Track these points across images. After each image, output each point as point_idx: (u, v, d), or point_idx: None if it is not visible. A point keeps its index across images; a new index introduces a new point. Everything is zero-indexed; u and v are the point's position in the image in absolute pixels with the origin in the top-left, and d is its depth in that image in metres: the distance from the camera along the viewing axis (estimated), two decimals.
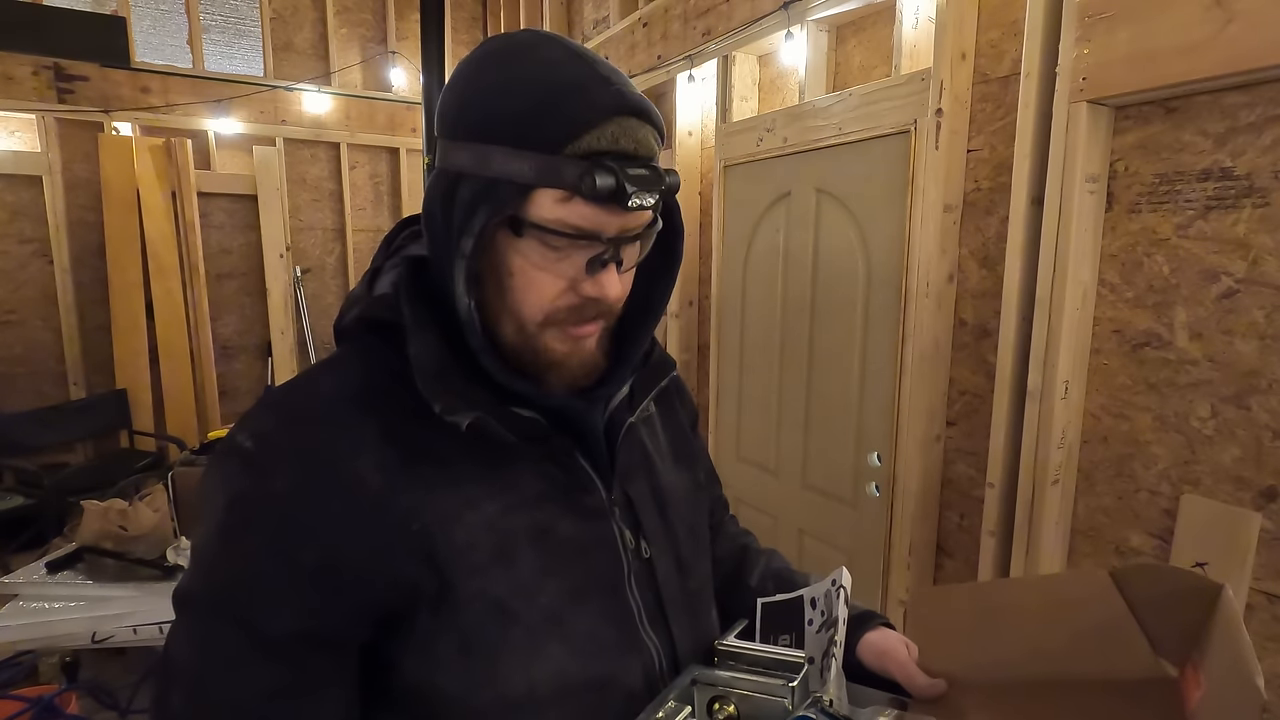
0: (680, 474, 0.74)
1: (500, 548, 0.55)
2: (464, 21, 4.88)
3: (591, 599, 0.59)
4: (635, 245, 0.57)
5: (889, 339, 1.94)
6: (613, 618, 0.60)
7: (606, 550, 0.61)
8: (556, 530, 0.58)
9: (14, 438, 3.44)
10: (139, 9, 3.92)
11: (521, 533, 0.56)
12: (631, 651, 0.61)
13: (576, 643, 0.57)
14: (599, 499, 0.61)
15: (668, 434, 0.75)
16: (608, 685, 0.58)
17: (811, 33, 2.22)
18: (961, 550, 1.79)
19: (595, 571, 0.60)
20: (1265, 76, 1.16)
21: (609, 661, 0.59)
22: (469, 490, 0.55)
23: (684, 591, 0.67)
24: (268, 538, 0.51)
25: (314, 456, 0.52)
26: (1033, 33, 1.48)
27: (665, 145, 0.58)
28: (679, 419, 0.79)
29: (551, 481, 0.59)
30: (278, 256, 4.25)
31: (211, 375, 4.06)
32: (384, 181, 4.72)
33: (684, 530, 0.70)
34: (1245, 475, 1.24)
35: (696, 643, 0.66)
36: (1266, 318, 1.20)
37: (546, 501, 0.58)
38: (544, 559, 0.57)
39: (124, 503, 1.95)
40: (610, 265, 0.54)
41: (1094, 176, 1.41)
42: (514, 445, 0.56)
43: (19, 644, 1.67)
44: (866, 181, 1.99)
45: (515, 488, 0.57)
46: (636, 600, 0.62)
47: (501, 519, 0.56)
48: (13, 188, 3.72)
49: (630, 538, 0.63)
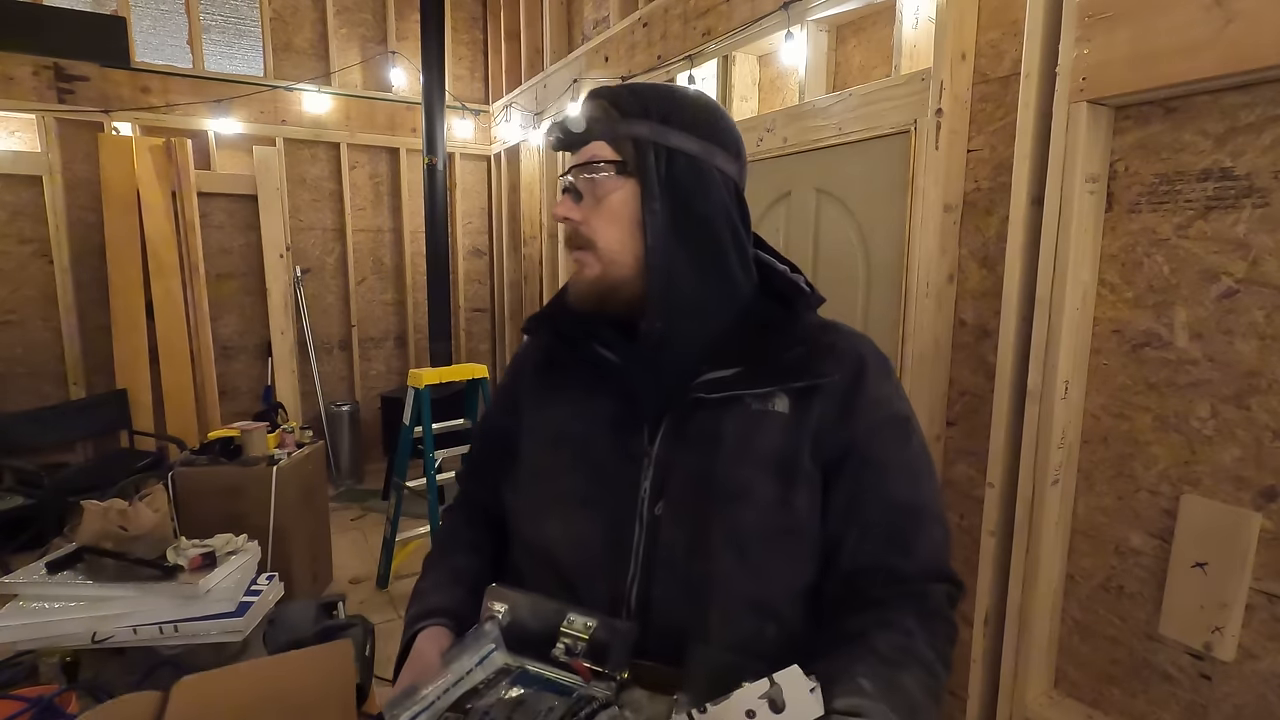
0: (763, 478, 0.69)
1: (553, 438, 0.80)
2: (464, 21, 4.88)
3: (598, 517, 0.75)
4: (585, 180, 0.76)
5: (889, 339, 1.94)
6: (610, 542, 0.74)
7: (626, 489, 0.74)
8: (594, 447, 0.77)
9: (14, 438, 3.44)
10: (139, 9, 3.92)
11: (572, 435, 0.79)
12: (611, 576, 0.73)
13: (570, 537, 0.76)
14: (640, 445, 0.75)
15: (783, 438, 0.70)
16: (579, 585, 0.74)
17: (811, 33, 2.22)
18: (961, 550, 1.79)
19: (611, 500, 0.74)
20: (1265, 76, 1.16)
21: (589, 569, 0.74)
22: (558, 395, 0.82)
23: (687, 568, 0.70)
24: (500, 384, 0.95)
25: (520, 351, 0.93)
26: (1033, 33, 1.48)
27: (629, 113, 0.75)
28: (811, 431, 0.71)
29: (613, 413, 0.77)
30: (278, 256, 4.25)
31: (211, 375, 4.06)
32: (384, 181, 4.72)
33: (724, 522, 0.69)
34: (1245, 475, 1.24)
35: (676, 619, 0.70)
36: (1266, 318, 1.20)
37: (600, 426, 0.77)
38: (575, 461, 0.77)
39: (124, 503, 1.95)
40: (564, 194, 0.78)
41: (1094, 176, 1.40)
42: (598, 377, 0.78)
43: (19, 644, 1.67)
44: (866, 182, 1.99)
45: (586, 405, 0.79)
46: (640, 547, 0.73)
47: (565, 421, 0.80)
48: (13, 188, 3.72)
49: (648, 490, 0.73)
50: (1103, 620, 1.48)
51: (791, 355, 0.72)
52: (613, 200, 0.75)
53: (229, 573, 1.90)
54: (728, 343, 0.75)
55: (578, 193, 0.76)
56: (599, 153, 0.75)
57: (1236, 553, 1.24)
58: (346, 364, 4.76)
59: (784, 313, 0.77)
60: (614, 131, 0.75)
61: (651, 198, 0.73)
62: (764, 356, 0.72)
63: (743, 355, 0.73)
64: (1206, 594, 1.28)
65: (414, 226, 4.73)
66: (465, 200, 5.02)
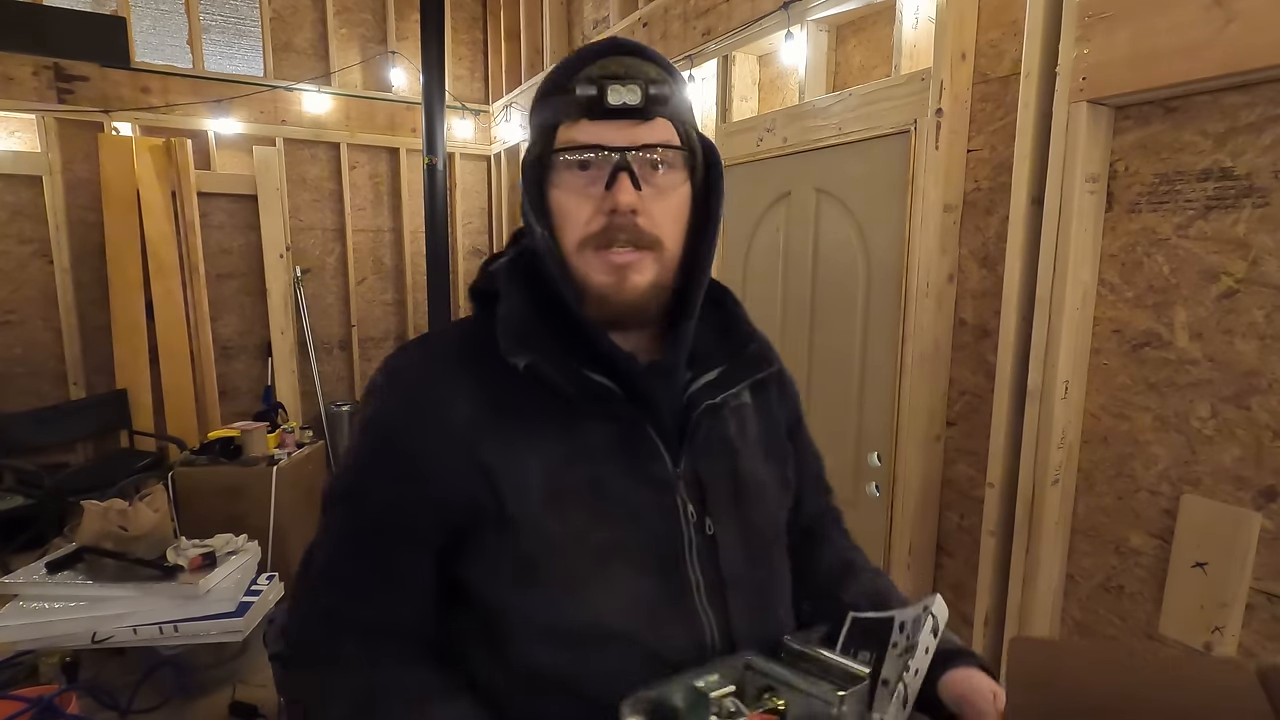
0: (768, 467, 0.74)
1: (556, 492, 0.62)
2: (464, 21, 4.88)
3: (645, 561, 0.64)
4: (655, 164, 0.63)
5: (889, 339, 1.94)
6: (668, 583, 0.64)
7: (667, 519, 0.65)
8: (613, 487, 0.64)
9: (14, 438, 3.44)
10: (139, 9, 3.92)
11: (579, 483, 0.63)
12: (683, 620, 0.64)
13: (621, 596, 0.62)
14: (665, 469, 0.66)
15: (760, 426, 0.76)
16: (651, 645, 0.62)
17: (811, 33, 2.22)
18: (961, 550, 1.79)
19: (651, 536, 0.64)
20: (1265, 76, 1.16)
21: (657, 624, 0.63)
22: (537, 439, 0.64)
23: (751, 577, 0.68)
24: (377, 450, 0.66)
25: (420, 392, 0.65)
26: (1033, 33, 1.48)
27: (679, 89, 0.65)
28: (775, 415, 0.79)
29: (618, 443, 0.65)
30: (278, 256, 4.25)
31: (211, 375, 4.06)
32: (384, 181, 4.72)
33: (760, 519, 0.71)
34: (1245, 475, 1.24)
35: (756, 630, 0.67)
36: (1266, 318, 1.20)
37: (610, 461, 0.64)
38: (597, 511, 0.63)
39: (124, 503, 1.95)
40: (622, 175, 0.60)
41: (1094, 176, 1.40)
42: (587, 407, 0.64)
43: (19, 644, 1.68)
44: (866, 181, 1.99)
45: (582, 442, 0.64)
46: (696, 574, 0.65)
47: (562, 467, 0.63)
48: (13, 188, 3.72)
49: (694, 512, 0.66)
50: (1103, 620, 1.48)
51: (751, 351, 0.74)
52: (680, 195, 0.65)
53: (229, 573, 1.90)
54: (699, 344, 0.72)
55: (634, 178, 0.62)
56: (668, 136, 0.63)
57: (1236, 553, 1.24)
58: (346, 364, 4.76)
59: (728, 310, 0.76)
60: (679, 112, 0.65)
61: (715, 195, 0.68)
62: (736, 355, 0.73)
63: (720, 355, 0.72)
64: (1206, 594, 1.28)
65: (414, 226, 4.72)
66: (465, 200, 5.02)
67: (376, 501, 0.65)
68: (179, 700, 2.10)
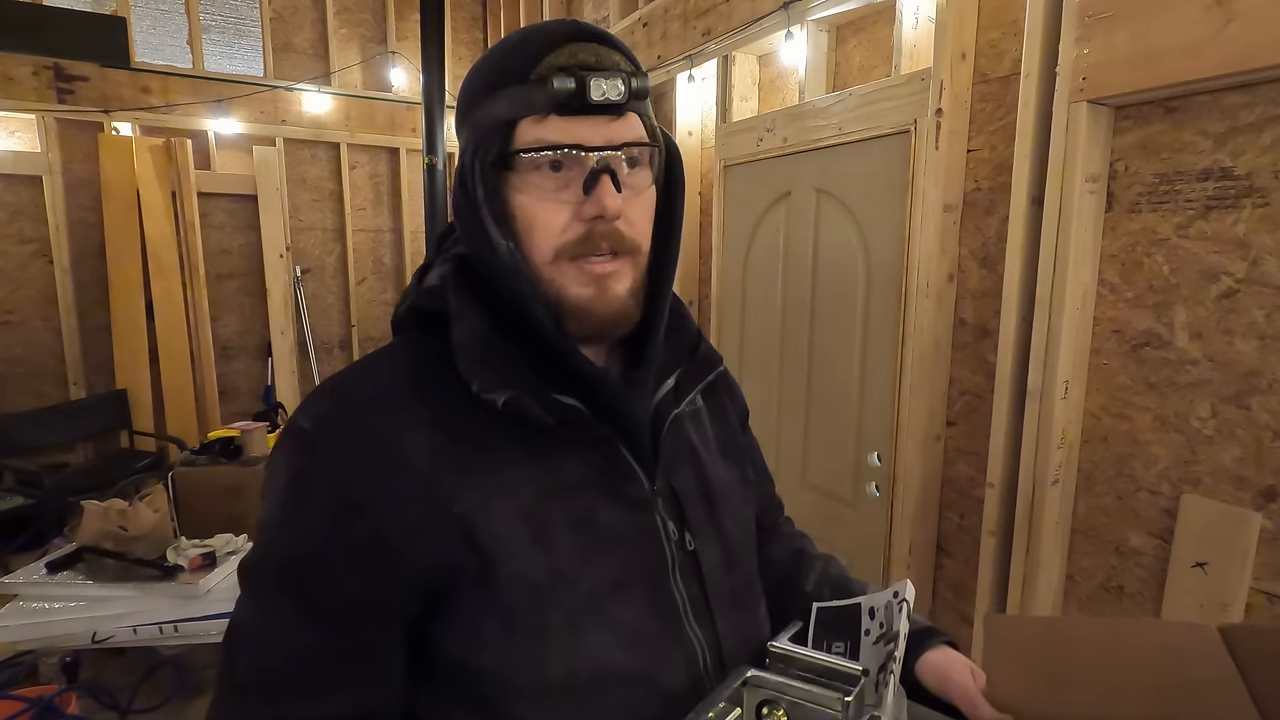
0: (729, 469, 0.73)
1: (538, 533, 0.56)
2: (464, 21, 4.88)
3: (634, 589, 0.59)
4: (630, 163, 0.57)
5: (889, 339, 1.94)
6: (656, 609, 0.60)
7: (649, 541, 0.61)
8: (597, 517, 0.58)
9: (14, 438, 3.44)
10: (139, 9, 3.92)
11: (560, 519, 0.57)
12: (675, 644, 0.60)
13: (619, 632, 0.57)
14: (642, 489, 0.61)
15: (716, 429, 0.75)
16: (650, 677, 0.58)
17: (811, 33, 2.22)
18: (961, 550, 1.79)
19: (637, 561, 0.60)
20: (1265, 76, 1.16)
21: (652, 653, 0.59)
22: (509, 475, 0.56)
23: (731, 586, 0.67)
24: (322, 513, 0.53)
25: (366, 438, 0.54)
26: (1033, 33, 1.48)
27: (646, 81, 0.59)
28: (728, 415, 0.78)
29: (593, 468, 0.59)
30: (278, 256, 4.25)
31: (211, 375, 4.06)
32: (384, 181, 4.72)
33: (731, 525, 0.69)
34: (1245, 475, 1.24)
35: (742, 639, 0.66)
36: (1266, 318, 1.20)
37: (587, 488, 0.59)
38: (583, 546, 0.57)
39: (124, 503, 1.95)
40: (604, 178, 0.54)
41: (1094, 176, 1.40)
42: (556, 432, 0.57)
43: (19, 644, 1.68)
44: (866, 181, 1.99)
45: (556, 474, 0.58)
46: (681, 593, 0.62)
47: (540, 505, 0.56)
48: (13, 188, 3.72)
49: (674, 529, 0.63)
50: None
51: (702, 351, 0.71)
52: (650, 194, 0.61)
53: (229, 573, 1.90)
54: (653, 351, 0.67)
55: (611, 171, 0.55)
56: (640, 132, 0.58)
57: (1236, 553, 1.24)
58: (347, 364, 4.75)
59: (673, 309, 0.70)
60: (644, 104, 0.59)
61: (677, 191, 0.64)
62: (688, 357, 0.69)
63: (673, 361, 0.67)
64: (1207, 594, 1.28)
65: (414, 226, 4.73)
66: None
67: (329, 576, 0.53)
68: (179, 700, 2.10)
